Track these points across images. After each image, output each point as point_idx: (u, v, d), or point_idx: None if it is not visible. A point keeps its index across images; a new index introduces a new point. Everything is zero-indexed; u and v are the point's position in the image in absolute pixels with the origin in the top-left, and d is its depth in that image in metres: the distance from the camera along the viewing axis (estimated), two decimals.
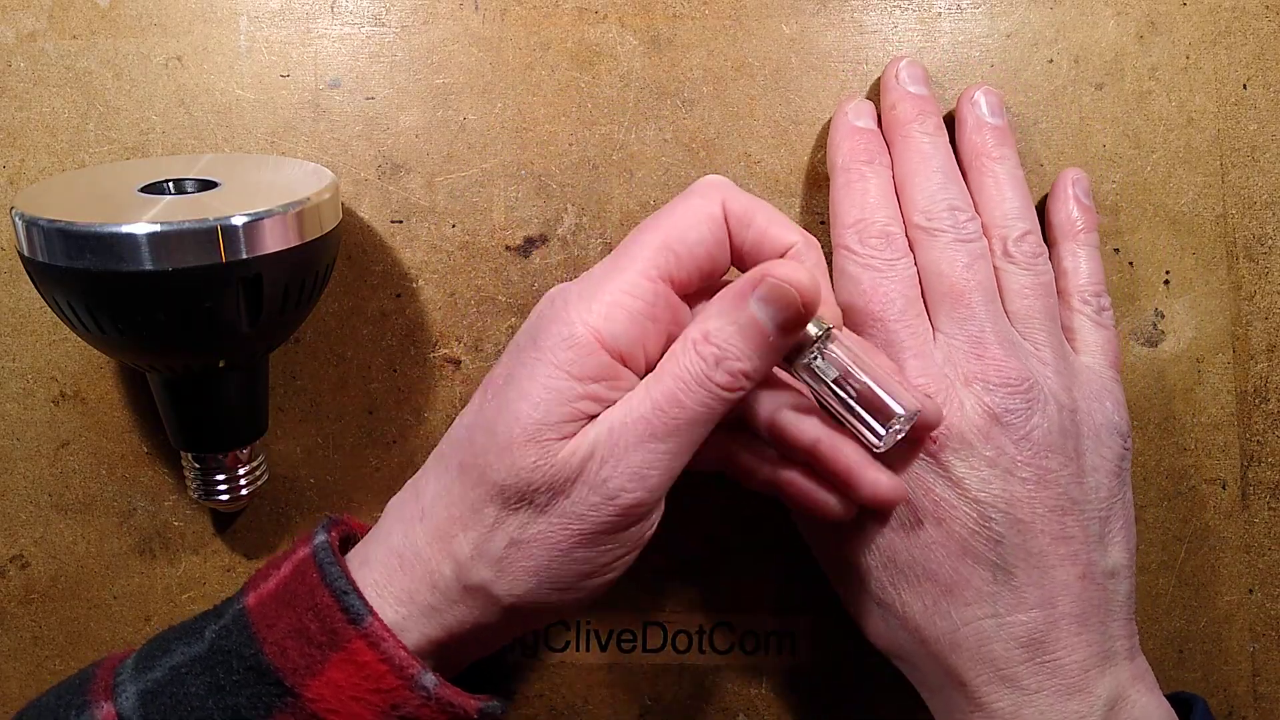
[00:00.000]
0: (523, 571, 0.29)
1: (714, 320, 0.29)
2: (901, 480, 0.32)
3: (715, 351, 0.28)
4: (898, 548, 0.33)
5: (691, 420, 0.28)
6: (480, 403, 0.30)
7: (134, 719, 0.28)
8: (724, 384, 0.28)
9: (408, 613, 0.29)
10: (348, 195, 0.39)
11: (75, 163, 0.39)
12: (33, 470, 0.39)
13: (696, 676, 0.40)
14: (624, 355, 0.29)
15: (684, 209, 0.30)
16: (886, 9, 0.38)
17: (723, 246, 0.30)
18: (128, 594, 0.40)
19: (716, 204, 0.30)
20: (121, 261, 0.29)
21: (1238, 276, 0.39)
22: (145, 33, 0.38)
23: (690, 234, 0.29)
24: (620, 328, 0.28)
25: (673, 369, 0.28)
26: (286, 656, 0.28)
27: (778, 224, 0.30)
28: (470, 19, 0.39)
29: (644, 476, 0.28)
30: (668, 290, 0.29)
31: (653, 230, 0.29)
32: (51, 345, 0.39)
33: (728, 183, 0.31)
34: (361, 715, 0.28)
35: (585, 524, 0.28)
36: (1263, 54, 0.38)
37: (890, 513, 0.33)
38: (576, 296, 0.29)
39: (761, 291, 0.28)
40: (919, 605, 0.33)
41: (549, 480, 0.28)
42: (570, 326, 0.28)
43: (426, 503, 0.30)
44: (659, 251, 0.29)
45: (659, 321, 0.29)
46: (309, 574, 0.29)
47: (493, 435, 0.29)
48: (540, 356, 0.28)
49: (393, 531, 0.30)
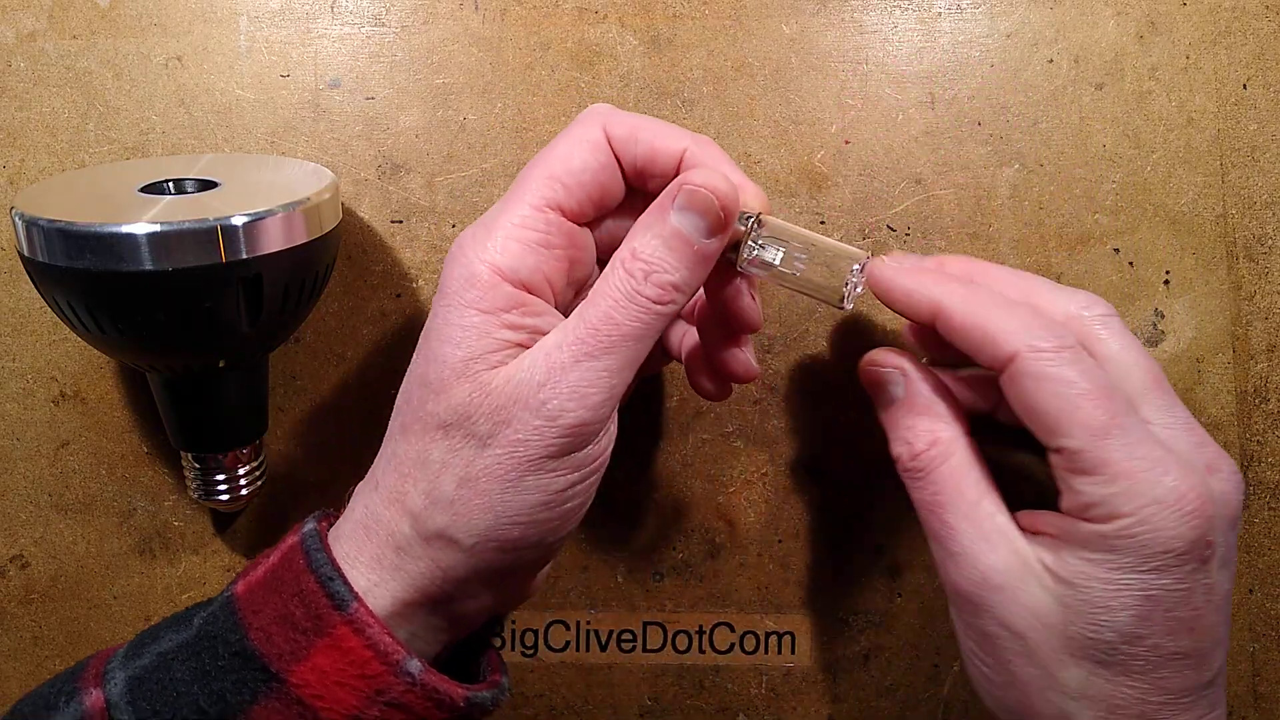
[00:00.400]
0: (477, 510, 0.29)
1: (639, 237, 0.29)
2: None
3: (643, 266, 0.29)
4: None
5: (626, 336, 0.28)
6: (410, 366, 0.31)
7: (121, 705, 0.28)
8: (654, 297, 0.29)
9: (378, 579, 0.29)
10: (348, 195, 0.39)
11: (75, 163, 0.39)
12: (33, 470, 0.39)
13: (696, 676, 0.40)
14: (526, 284, 0.29)
15: (566, 140, 0.31)
16: (886, 9, 0.38)
17: (610, 170, 0.31)
18: (128, 594, 0.40)
19: (598, 130, 0.30)
20: (121, 261, 0.29)
21: (1238, 276, 0.39)
22: (145, 33, 0.38)
23: (574, 162, 0.30)
24: (516, 259, 0.29)
25: (604, 289, 0.29)
26: (272, 642, 0.28)
27: (664, 135, 0.31)
28: (470, 19, 0.39)
29: (584, 395, 0.28)
30: (559, 219, 0.30)
31: (538, 164, 0.30)
32: (51, 345, 0.39)
33: (610, 108, 0.31)
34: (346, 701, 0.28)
35: (531, 449, 0.28)
36: (1263, 54, 0.38)
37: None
38: (471, 238, 0.30)
39: (680, 201, 0.29)
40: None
41: (489, 409, 0.28)
42: (469, 266, 0.29)
43: (379, 473, 0.31)
44: (545, 183, 0.30)
45: (555, 249, 0.30)
46: (295, 560, 0.29)
47: (425, 385, 0.29)
48: (449, 301, 0.29)
49: (355, 508, 0.31)
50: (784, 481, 0.39)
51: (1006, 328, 0.30)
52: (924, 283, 0.31)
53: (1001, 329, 0.30)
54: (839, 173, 0.39)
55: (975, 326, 0.30)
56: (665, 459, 0.39)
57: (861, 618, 0.40)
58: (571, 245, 0.31)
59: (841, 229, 0.39)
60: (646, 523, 0.40)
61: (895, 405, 0.33)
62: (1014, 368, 0.29)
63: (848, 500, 0.39)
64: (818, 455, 0.39)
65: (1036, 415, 0.29)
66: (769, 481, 0.39)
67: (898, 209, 0.39)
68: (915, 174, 0.38)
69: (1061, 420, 0.29)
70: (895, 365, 0.33)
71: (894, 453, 0.32)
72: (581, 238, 0.31)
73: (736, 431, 0.39)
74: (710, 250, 0.29)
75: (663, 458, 0.39)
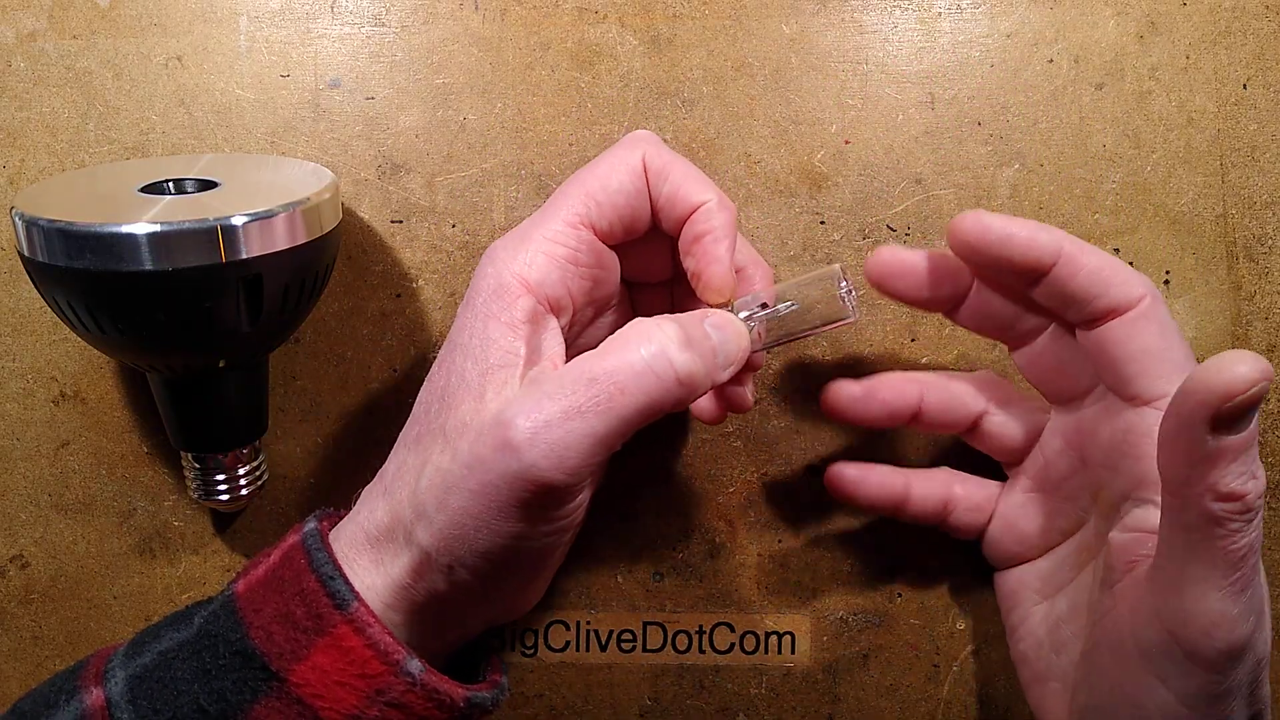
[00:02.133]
0: (448, 536, 0.28)
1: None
2: None
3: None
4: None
5: (627, 408, 0.28)
6: (431, 373, 0.31)
7: (122, 703, 0.28)
8: (683, 378, 0.29)
9: (377, 581, 0.29)
10: (348, 195, 0.39)
11: (75, 163, 0.39)
12: (33, 470, 0.39)
13: (696, 676, 0.40)
14: (550, 299, 0.30)
15: (609, 160, 0.31)
16: (886, 9, 0.38)
17: (642, 196, 0.31)
18: (128, 594, 0.40)
19: (638, 157, 0.31)
20: (121, 261, 0.29)
21: (1238, 276, 0.39)
22: (145, 33, 0.38)
23: (611, 182, 0.31)
24: (543, 273, 0.30)
25: (622, 352, 0.28)
26: (272, 641, 0.28)
27: (692, 181, 0.31)
28: (470, 19, 0.39)
29: (561, 457, 0.27)
30: (590, 236, 0.31)
31: (578, 181, 0.31)
32: (51, 345, 0.39)
33: (652, 137, 0.32)
34: (347, 700, 0.28)
35: (500, 494, 0.27)
36: (1263, 54, 0.38)
37: None
38: (504, 248, 0.31)
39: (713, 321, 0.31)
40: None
41: (474, 433, 0.28)
42: (499, 276, 0.30)
43: (389, 480, 0.31)
44: (582, 200, 0.31)
45: (582, 265, 0.31)
46: (296, 559, 0.29)
47: (441, 397, 0.30)
48: (475, 311, 0.30)
49: (359, 511, 0.31)
50: (784, 481, 0.39)
51: (1132, 274, 0.31)
52: (1043, 228, 0.31)
53: (1131, 272, 0.31)
54: (839, 173, 0.39)
55: (1109, 266, 0.31)
56: (665, 459, 0.39)
57: (861, 618, 0.40)
58: (598, 264, 0.31)
59: (841, 229, 0.39)
60: (646, 523, 0.40)
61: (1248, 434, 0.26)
62: (1140, 309, 0.30)
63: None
64: (818, 455, 0.39)
65: (1149, 358, 0.30)
66: (769, 481, 0.39)
67: (898, 209, 0.39)
68: (915, 174, 0.38)
69: (1173, 367, 0.30)
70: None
71: (1240, 488, 0.26)
72: (608, 258, 0.32)
73: (736, 431, 0.39)
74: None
75: (663, 458, 0.39)
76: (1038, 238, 0.31)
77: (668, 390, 0.28)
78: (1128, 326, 0.30)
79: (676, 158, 0.31)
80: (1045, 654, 0.34)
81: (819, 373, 0.39)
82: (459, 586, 0.29)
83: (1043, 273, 0.31)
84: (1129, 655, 0.29)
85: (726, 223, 0.31)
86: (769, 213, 0.38)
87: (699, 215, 0.31)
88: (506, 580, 0.30)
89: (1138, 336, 0.30)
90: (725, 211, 0.31)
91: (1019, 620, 0.35)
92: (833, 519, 0.39)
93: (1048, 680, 0.34)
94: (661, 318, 0.29)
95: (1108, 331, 0.31)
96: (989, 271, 0.32)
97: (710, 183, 0.31)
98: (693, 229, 0.31)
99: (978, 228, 0.31)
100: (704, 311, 0.31)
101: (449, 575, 0.29)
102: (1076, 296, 0.31)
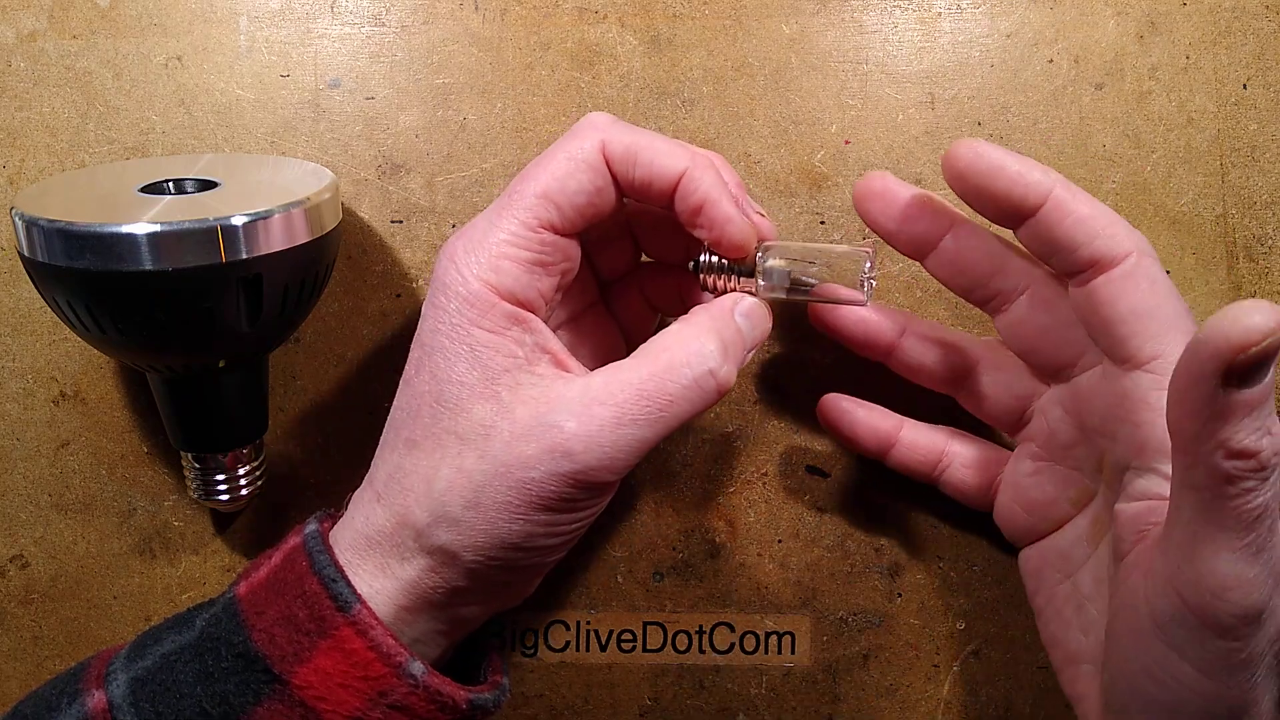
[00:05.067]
0: (481, 532, 0.29)
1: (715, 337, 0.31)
2: None
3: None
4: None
5: (677, 415, 0.29)
6: (410, 378, 0.30)
7: (124, 706, 0.28)
8: (723, 385, 0.30)
9: (379, 585, 0.29)
10: (348, 195, 0.39)
11: (75, 163, 0.39)
12: (33, 470, 0.39)
13: (696, 676, 0.40)
14: (523, 302, 0.30)
15: (562, 156, 0.30)
16: (886, 9, 0.38)
17: (604, 191, 0.30)
18: (128, 594, 0.40)
19: (595, 149, 0.30)
20: (121, 261, 0.29)
21: (1238, 276, 0.39)
22: (145, 33, 0.38)
23: (569, 183, 0.30)
24: (512, 279, 0.29)
25: (669, 369, 0.29)
26: (275, 644, 0.28)
27: (662, 155, 0.30)
28: (470, 19, 0.39)
29: (614, 458, 0.29)
30: (553, 237, 0.30)
31: (532, 179, 0.30)
32: (51, 345, 0.39)
33: (608, 120, 0.31)
34: (349, 703, 0.28)
35: (545, 491, 0.28)
36: (1263, 54, 0.38)
37: None
38: (463, 251, 0.30)
39: (741, 309, 0.32)
40: None
41: (508, 436, 0.28)
42: (465, 285, 0.29)
43: (379, 485, 0.30)
44: (539, 201, 0.30)
45: (548, 264, 0.30)
46: (298, 561, 0.29)
47: (440, 402, 0.29)
48: (451, 320, 0.29)
49: (354, 516, 0.31)
50: (784, 481, 0.39)
51: (1124, 229, 0.30)
52: (1039, 167, 0.30)
53: (1123, 226, 0.30)
54: (839, 173, 0.39)
55: (1102, 217, 0.30)
56: (665, 459, 0.39)
57: (861, 618, 0.40)
58: (564, 259, 0.31)
59: (842, 229, 0.39)
60: (646, 523, 0.40)
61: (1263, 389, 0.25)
62: (1126, 266, 0.29)
63: (848, 500, 0.39)
64: (818, 455, 0.39)
65: (1138, 318, 0.29)
66: (769, 481, 0.39)
67: None
68: (915, 174, 0.38)
69: (1166, 326, 0.29)
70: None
71: (1254, 445, 0.24)
72: (572, 249, 0.31)
73: (736, 431, 0.39)
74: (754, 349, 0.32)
75: (663, 458, 0.39)
76: (1028, 175, 0.30)
77: (709, 400, 0.29)
78: (1115, 285, 0.29)
79: (637, 134, 0.30)
80: (1074, 634, 0.33)
81: (819, 373, 0.39)
82: (480, 579, 0.30)
83: (1028, 212, 0.30)
84: (1145, 627, 0.28)
85: (715, 180, 0.30)
86: (769, 213, 0.38)
87: (685, 186, 0.30)
88: (526, 570, 0.31)
89: (1126, 296, 0.29)
90: (707, 170, 0.30)
91: (1045, 601, 0.35)
92: (833, 519, 0.39)
93: (1079, 662, 0.33)
94: (701, 328, 0.30)
95: (1096, 291, 0.30)
96: (974, 203, 0.31)
97: (678, 145, 0.30)
98: (686, 202, 0.30)
99: (971, 154, 0.30)
100: (734, 299, 0.31)
101: (473, 571, 0.29)
102: (1060, 243, 0.30)
